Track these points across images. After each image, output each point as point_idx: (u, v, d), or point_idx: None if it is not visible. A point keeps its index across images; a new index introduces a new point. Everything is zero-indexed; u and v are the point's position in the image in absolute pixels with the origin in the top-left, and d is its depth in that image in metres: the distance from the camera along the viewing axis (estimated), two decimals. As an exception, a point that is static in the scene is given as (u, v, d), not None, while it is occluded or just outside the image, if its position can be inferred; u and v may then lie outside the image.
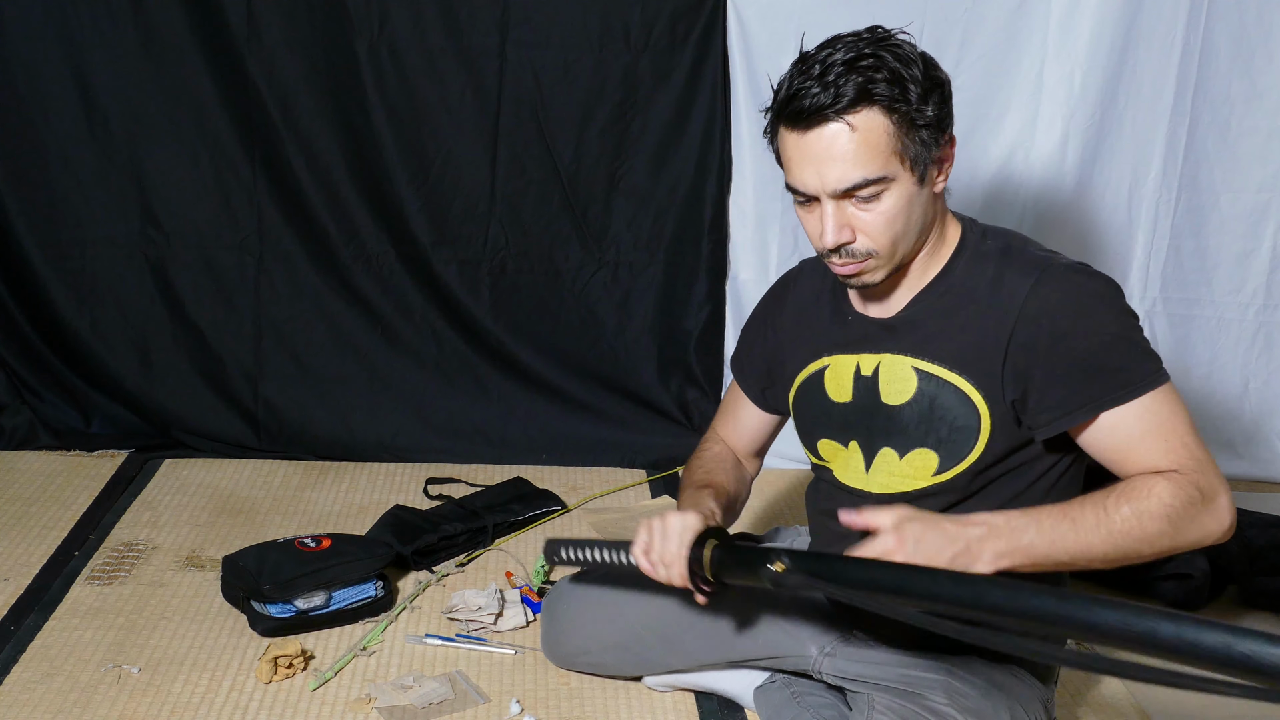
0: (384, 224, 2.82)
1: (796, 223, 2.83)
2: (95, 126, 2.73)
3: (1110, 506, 1.43)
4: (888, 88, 1.46)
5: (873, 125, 1.47)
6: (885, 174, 1.48)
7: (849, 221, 1.51)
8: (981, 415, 1.55)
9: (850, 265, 1.55)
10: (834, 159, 1.48)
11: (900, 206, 1.50)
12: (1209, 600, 2.30)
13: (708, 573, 1.60)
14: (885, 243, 1.52)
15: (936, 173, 1.54)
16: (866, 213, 1.50)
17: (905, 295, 1.62)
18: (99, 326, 2.84)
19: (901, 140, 1.48)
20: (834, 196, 1.50)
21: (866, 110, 1.46)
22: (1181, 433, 1.48)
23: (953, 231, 1.61)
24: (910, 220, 1.52)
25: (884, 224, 1.51)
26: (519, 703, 1.93)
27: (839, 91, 1.46)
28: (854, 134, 1.47)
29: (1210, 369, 2.91)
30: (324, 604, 2.12)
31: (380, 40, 2.70)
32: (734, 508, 1.84)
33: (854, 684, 1.69)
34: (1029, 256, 1.56)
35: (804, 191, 1.52)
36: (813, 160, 1.49)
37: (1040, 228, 2.78)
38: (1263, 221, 2.82)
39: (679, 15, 2.71)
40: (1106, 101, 2.73)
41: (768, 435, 1.94)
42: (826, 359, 1.70)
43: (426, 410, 2.89)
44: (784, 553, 1.50)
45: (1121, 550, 1.43)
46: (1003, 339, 1.53)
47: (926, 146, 1.50)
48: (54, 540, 2.41)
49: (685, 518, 1.62)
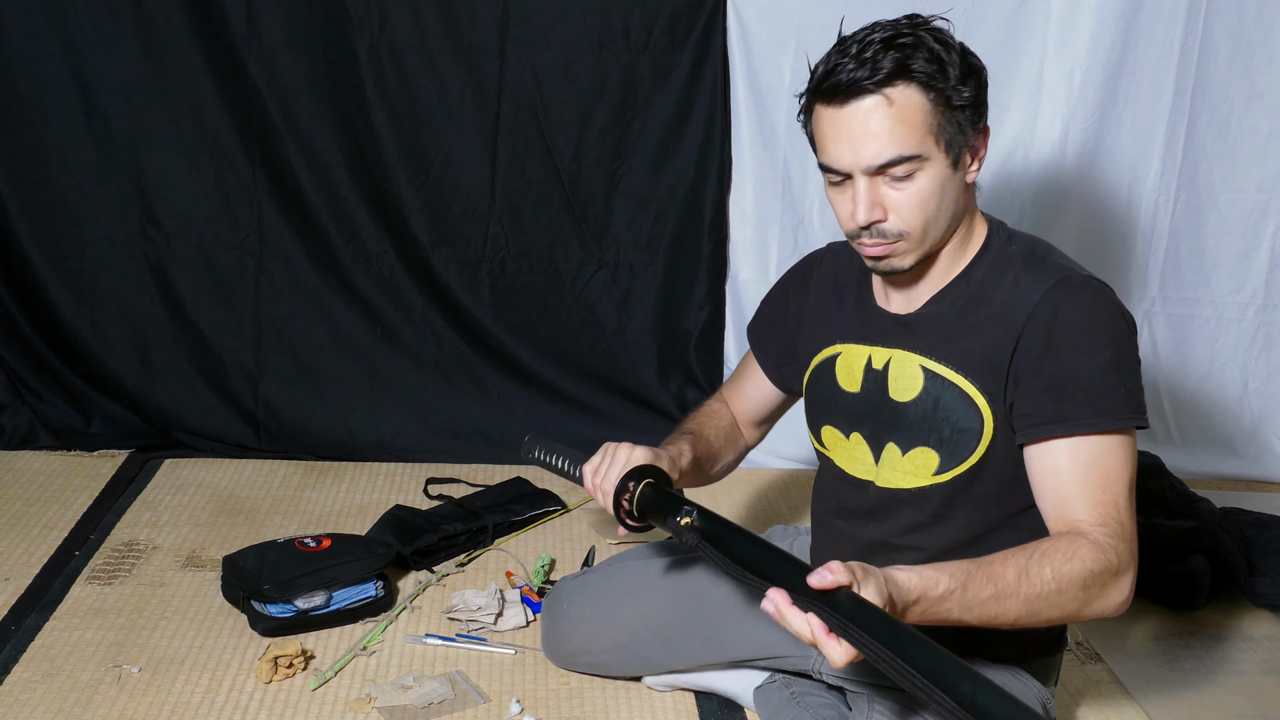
0: (384, 224, 2.82)
1: (797, 223, 2.83)
2: (95, 126, 2.73)
3: (1032, 568, 1.38)
4: (926, 64, 1.45)
5: (909, 101, 1.45)
6: (920, 152, 1.47)
7: (881, 200, 1.50)
8: (984, 419, 1.55)
9: (880, 246, 1.53)
10: (869, 134, 1.46)
11: (933, 188, 1.49)
12: (1209, 600, 2.30)
13: (633, 507, 1.63)
14: (917, 224, 1.51)
15: (970, 160, 1.53)
16: (899, 192, 1.49)
17: (926, 292, 1.61)
18: (99, 326, 2.84)
19: (938, 119, 1.47)
20: (867, 173, 1.48)
21: (904, 86, 1.45)
22: (1119, 491, 1.46)
23: (980, 230, 1.60)
24: (942, 204, 1.51)
25: (917, 204, 1.49)
26: (519, 703, 1.93)
27: (876, 65, 1.44)
28: (890, 108, 1.45)
29: (1210, 369, 2.91)
30: (324, 604, 2.12)
31: (380, 40, 2.70)
32: (712, 462, 1.86)
33: (854, 684, 1.70)
34: (1050, 264, 1.55)
35: (837, 169, 1.51)
36: (847, 135, 1.48)
37: (1040, 227, 2.77)
38: (1262, 221, 2.82)
39: (679, 15, 2.71)
40: (1106, 101, 2.73)
41: (773, 409, 1.94)
42: (840, 346, 1.70)
43: (426, 410, 2.89)
44: (699, 511, 1.52)
45: (1032, 613, 1.39)
46: (1009, 344, 1.53)
47: (962, 130, 1.49)
48: (54, 540, 2.41)
49: (635, 451, 1.65)
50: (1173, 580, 2.28)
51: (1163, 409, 2.91)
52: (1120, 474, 1.47)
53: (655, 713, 1.92)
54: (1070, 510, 1.46)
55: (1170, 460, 2.69)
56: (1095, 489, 1.46)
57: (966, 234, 1.59)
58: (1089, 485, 1.46)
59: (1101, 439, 1.47)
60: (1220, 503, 2.52)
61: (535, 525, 2.56)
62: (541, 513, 2.59)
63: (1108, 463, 1.47)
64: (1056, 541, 1.42)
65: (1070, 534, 1.43)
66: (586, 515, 2.61)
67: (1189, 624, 2.25)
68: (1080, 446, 1.47)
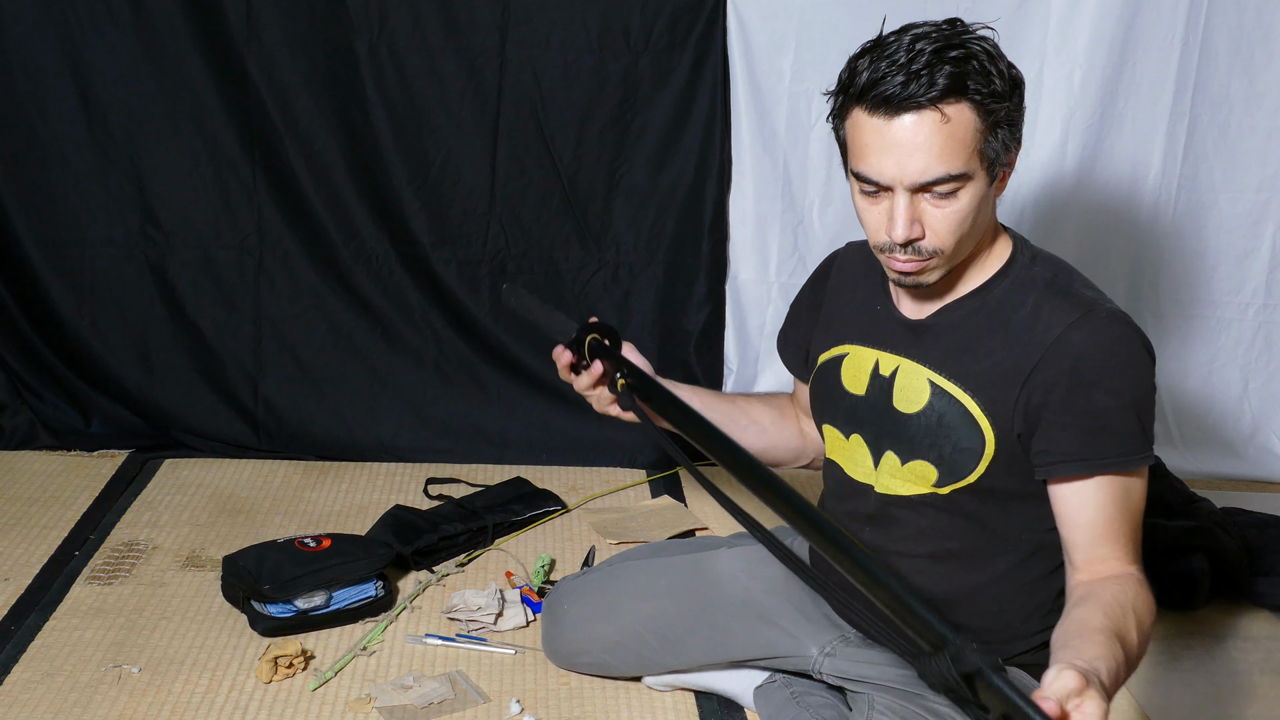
0: (384, 224, 2.82)
1: (797, 223, 2.83)
2: (95, 126, 2.72)
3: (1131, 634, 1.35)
4: (979, 81, 1.41)
5: (963, 119, 1.41)
6: (966, 170, 1.43)
7: (920, 217, 1.46)
8: (986, 441, 1.53)
9: (913, 263, 1.49)
10: (919, 149, 1.41)
11: (972, 206, 1.46)
12: (1209, 600, 2.30)
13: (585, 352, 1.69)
14: (952, 243, 1.47)
15: (1004, 175, 1.50)
16: (939, 210, 1.45)
17: (940, 299, 1.58)
18: (99, 326, 2.84)
19: (986, 138, 1.43)
20: (910, 189, 1.44)
21: (958, 103, 1.41)
22: (1138, 525, 1.50)
23: (1002, 246, 1.57)
24: (978, 222, 1.49)
25: (955, 223, 1.46)
26: (519, 703, 1.93)
27: (932, 80, 1.40)
28: (944, 126, 1.41)
29: (1210, 369, 2.91)
30: (324, 604, 2.13)
31: (380, 40, 2.70)
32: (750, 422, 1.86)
33: (854, 684, 1.69)
34: (1074, 295, 1.52)
35: (877, 181, 1.45)
36: (894, 148, 1.42)
37: (1040, 228, 2.78)
38: (1262, 221, 2.82)
39: (679, 15, 2.71)
40: (1106, 101, 2.73)
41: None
42: (848, 347, 1.68)
43: (426, 410, 2.89)
44: (637, 373, 1.63)
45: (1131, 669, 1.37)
46: (1024, 371, 1.50)
47: (1005, 147, 1.46)
48: (54, 540, 2.41)
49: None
50: (1173, 580, 2.27)
51: (1163, 409, 2.91)
52: (1139, 508, 1.50)
53: (655, 713, 1.92)
54: (1100, 546, 1.47)
55: (1170, 460, 2.68)
56: (1124, 524, 1.48)
57: (987, 246, 1.56)
58: (1118, 525, 1.48)
59: (1125, 477, 1.48)
60: (1220, 503, 2.51)
61: (535, 525, 2.56)
62: (541, 513, 2.59)
63: (1131, 501, 1.49)
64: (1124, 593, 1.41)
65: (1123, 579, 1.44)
66: (586, 515, 2.61)
67: (1189, 624, 2.25)
68: (1106, 485, 1.48)
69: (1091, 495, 1.48)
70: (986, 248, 1.56)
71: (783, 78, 2.73)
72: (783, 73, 2.73)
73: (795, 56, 2.70)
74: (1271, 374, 2.91)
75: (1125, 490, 1.48)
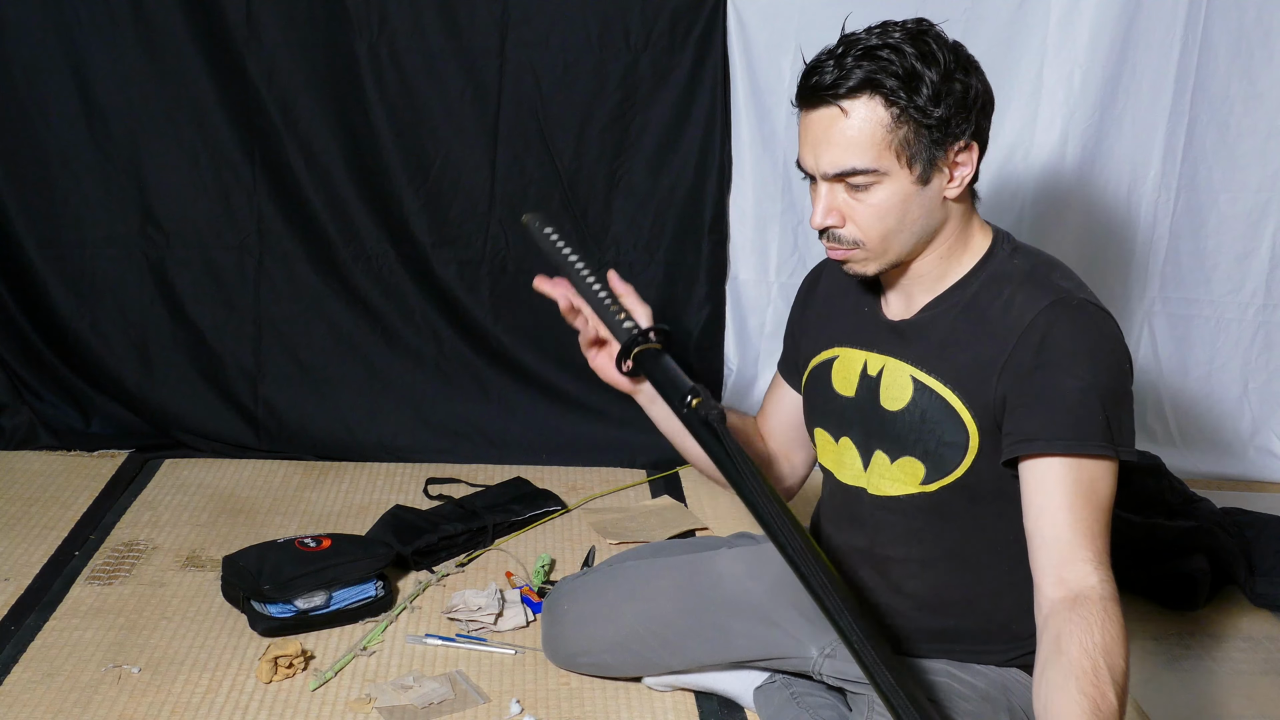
0: (384, 224, 2.82)
1: (797, 223, 2.84)
2: (95, 126, 2.72)
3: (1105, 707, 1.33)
4: (896, 81, 1.44)
5: (870, 115, 1.45)
6: (877, 166, 1.47)
7: (840, 207, 1.51)
8: (970, 434, 1.54)
9: (837, 251, 1.55)
10: (829, 142, 1.48)
11: (893, 203, 1.49)
12: (1209, 600, 2.30)
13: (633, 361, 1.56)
14: (874, 236, 1.51)
15: (947, 178, 1.50)
16: (858, 202, 1.50)
17: (922, 298, 1.59)
18: (99, 326, 2.84)
19: (901, 135, 1.45)
20: (826, 179, 1.50)
21: (867, 99, 1.45)
22: (1106, 523, 1.45)
23: (980, 242, 1.58)
24: (905, 219, 1.50)
25: (874, 217, 1.50)
26: (519, 703, 1.93)
27: (845, 74, 1.45)
28: (848, 120, 1.46)
29: (1210, 369, 2.91)
30: (324, 604, 2.13)
31: (380, 40, 2.70)
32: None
33: (854, 685, 1.69)
34: (1048, 283, 1.52)
35: (803, 169, 1.53)
36: (810, 139, 1.50)
37: (1039, 228, 2.78)
38: (1261, 221, 2.82)
39: (679, 15, 2.71)
40: (1106, 101, 2.73)
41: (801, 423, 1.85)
42: (838, 350, 1.69)
43: (426, 410, 2.89)
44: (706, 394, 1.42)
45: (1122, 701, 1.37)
46: (999, 361, 1.50)
47: (932, 148, 1.47)
48: (54, 540, 2.41)
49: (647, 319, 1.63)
50: (1173, 580, 2.28)
51: (1163, 409, 2.91)
52: (1107, 503, 1.45)
53: (655, 713, 1.92)
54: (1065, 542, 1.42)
55: (1170, 460, 2.68)
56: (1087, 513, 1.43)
57: (960, 244, 1.57)
58: (1080, 510, 1.43)
59: (1087, 463, 1.44)
60: (1220, 503, 2.52)
61: (535, 525, 2.56)
62: (541, 513, 2.59)
63: (1095, 490, 1.45)
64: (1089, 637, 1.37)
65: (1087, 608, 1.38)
66: (586, 515, 2.61)
67: (1189, 624, 2.25)
68: (1070, 470, 1.44)
69: (1055, 482, 1.45)
70: (957, 245, 1.57)
71: (783, 78, 2.73)
72: (783, 73, 2.73)
73: (795, 57, 2.69)
74: (1271, 374, 2.91)
75: (1090, 481, 1.44)
